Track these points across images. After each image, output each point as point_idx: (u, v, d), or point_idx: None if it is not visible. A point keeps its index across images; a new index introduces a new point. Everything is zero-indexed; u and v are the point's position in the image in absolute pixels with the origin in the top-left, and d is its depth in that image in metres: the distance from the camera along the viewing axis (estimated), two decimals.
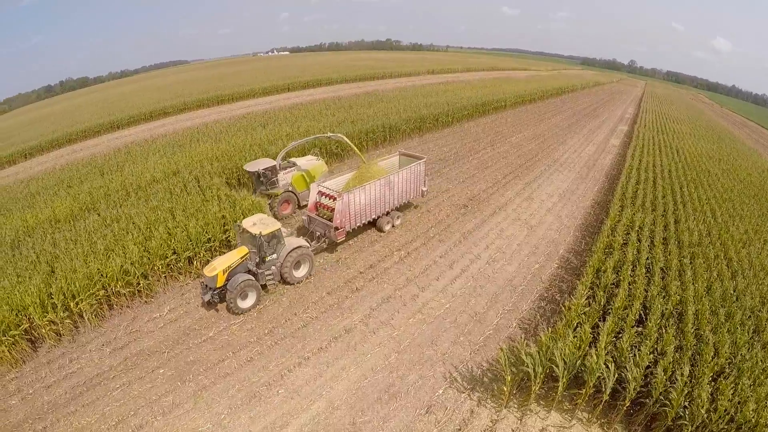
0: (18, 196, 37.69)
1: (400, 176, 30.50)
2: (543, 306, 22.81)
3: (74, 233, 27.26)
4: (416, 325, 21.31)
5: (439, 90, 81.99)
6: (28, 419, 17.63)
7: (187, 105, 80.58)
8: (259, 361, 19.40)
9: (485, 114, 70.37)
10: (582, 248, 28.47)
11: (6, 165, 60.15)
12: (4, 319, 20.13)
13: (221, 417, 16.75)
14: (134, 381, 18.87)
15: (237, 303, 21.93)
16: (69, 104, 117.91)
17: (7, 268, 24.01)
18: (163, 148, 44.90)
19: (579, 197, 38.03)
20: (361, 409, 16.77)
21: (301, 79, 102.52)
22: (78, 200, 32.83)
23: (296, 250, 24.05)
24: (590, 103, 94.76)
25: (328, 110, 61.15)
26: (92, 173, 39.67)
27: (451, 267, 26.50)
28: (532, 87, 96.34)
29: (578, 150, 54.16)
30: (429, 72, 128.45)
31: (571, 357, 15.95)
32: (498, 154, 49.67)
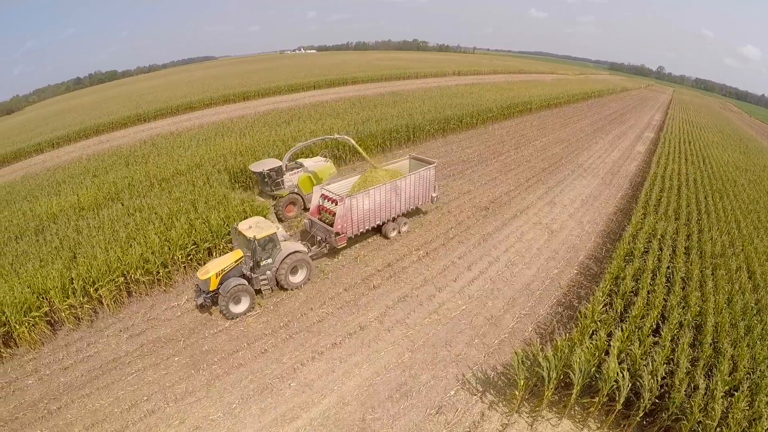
0: (44, 184, 38.49)
1: (408, 181, 29.52)
2: (560, 312, 22.49)
3: (98, 221, 27.88)
4: (431, 325, 21.23)
5: (464, 91, 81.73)
6: (43, 399, 18.06)
7: (214, 100, 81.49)
8: (273, 354, 19.56)
9: (510, 117, 69.85)
10: (603, 255, 28.05)
11: (34, 154, 61.50)
12: (25, 301, 20.66)
13: (232, 407, 16.96)
14: (149, 367, 19.22)
15: (229, 308, 21.47)
16: (97, 97, 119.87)
17: (30, 253, 24.70)
18: (188, 142, 45.72)
19: (602, 203, 37.51)
20: (371, 406, 16.77)
21: (327, 77, 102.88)
22: (102, 189, 33.50)
23: (292, 255, 23.42)
24: (617, 108, 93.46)
25: (352, 108, 61.49)
26: (118, 164, 40.43)
27: (469, 269, 26.33)
28: (559, 91, 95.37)
29: (603, 156, 53.45)
30: (455, 73, 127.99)
31: (587, 364, 15.70)
32: (522, 158, 49.28)
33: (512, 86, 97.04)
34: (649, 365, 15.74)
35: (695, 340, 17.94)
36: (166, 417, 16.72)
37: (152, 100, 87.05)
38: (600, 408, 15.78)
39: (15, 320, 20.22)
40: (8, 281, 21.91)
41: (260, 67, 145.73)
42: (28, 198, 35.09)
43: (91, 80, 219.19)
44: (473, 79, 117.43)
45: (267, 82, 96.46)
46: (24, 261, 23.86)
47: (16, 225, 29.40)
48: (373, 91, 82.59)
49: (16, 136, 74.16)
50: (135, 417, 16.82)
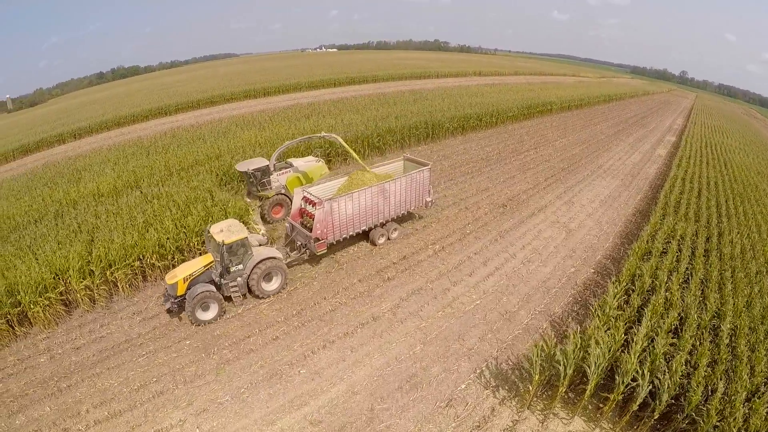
0: (64, 172, 39.12)
1: (398, 184, 27.69)
2: (576, 310, 22.16)
3: (116, 207, 28.31)
4: (445, 319, 21.05)
5: (485, 91, 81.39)
6: (54, 377, 18.35)
7: (235, 95, 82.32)
8: (284, 341, 19.60)
9: (531, 117, 69.38)
10: (620, 255, 27.57)
11: (56, 144, 62.66)
12: (42, 281, 20.99)
13: (241, 391, 17.03)
14: (160, 350, 19.41)
15: (195, 314, 20.42)
16: (119, 90, 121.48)
17: (49, 235, 25.07)
18: (207, 134, 46.24)
19: (621, 204, 36.99)
20: (380, 396, 16.66)
21: (347, 75, 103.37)
22: (122, 177, 34.03)
23: (265, 262, 22.05)
24: (638, 111, 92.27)
25: (372, 105, 61.66)
26: (138, 153, 40.96)
27: (485, 264, 26.11)
28: (580, 93, 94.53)
29: (623, 158, 52.76)
30: (476, 73, 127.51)
31: (603, 359, 15.37)
32: (541, 157, 48.87)
33: (533, 88, 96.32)
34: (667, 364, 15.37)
35: (712, 342, 17.49)
36: (175, 398, 16.87)
37: (174, 94, 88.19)
38: (614, 407, 15.40)
39: (30, 300, 20.53)
40: (25, 262, 22.30)
41: (281, 65, 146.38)
42: (49, 185, 35.64)
43: (113, 75, 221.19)
44: (494, 79, 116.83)
45: (288, 78, 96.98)
46: (42, 243, 24.24)
47: (36, 210, 29.95)
48: (393, 90, 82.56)
49: (38, 127, 75.34)
50: (143, 397, 16.99)
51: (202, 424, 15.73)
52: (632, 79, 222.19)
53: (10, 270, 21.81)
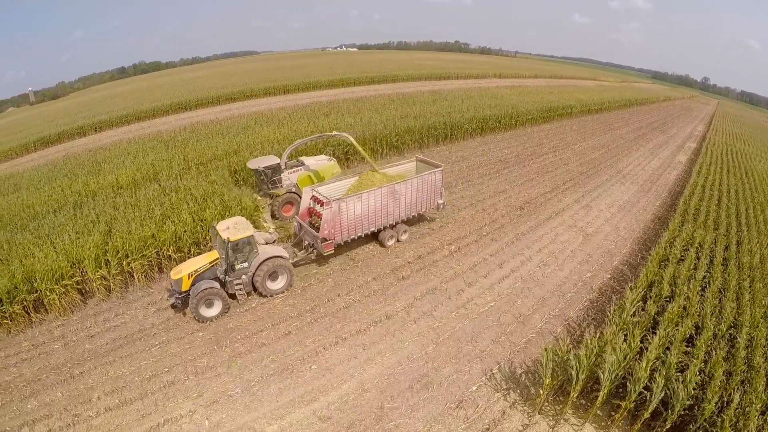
0: (84, 163, 39.64)
1: (409, 186, 27.24)
2: (591, 315, 21.86)
3: (134, 199, 28.56)
4: (458, 320, 20.92)
5: (504, 93, 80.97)
6: (67, 363, 18.66)
7: (254, 92, 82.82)
8: (297, 336, 19.66)
9: (550, 120, 68.81)
10: (638, 262, 27.18)
11: (76, 136, 63.67)
12: (59, 269, 21.31)
13: (251, 384, 17.11)
14: (173, 340, 19.60)
15: (199, 310, 20.39)
16: (141, 85, 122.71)
17: (67, 225, 25.36)
18: (227, 129, 46.65)
19: (639, 210, 36.53)
20: (391, 394, 16.60)
21: (367, 74, 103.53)
22: (141, 170, 34.37)
23: (270, 261, 21.94)
24: (659, 117, 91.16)
25: (391, 104, 61.60)
26: (157, 147, 41.35)
27: (500, 266, 25.92)
28: (600, 97, 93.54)
29: (643, 163, 52.12)
30: (496, 75, 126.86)
31: (617, 366, 15.12)
32: (560, 161, 48.46)
33: (553, 91, 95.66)
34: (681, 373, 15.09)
35: (728, 352, 17.14)
36: (185, 389, 17.02)
37: (194, 89, 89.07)
38: (625, 415, 15.13)
39: (46, 287, 20.85)
40: (43, 250, 22.60)
41: (302, 63, 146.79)
42: (69, 176, 36.10)
43: (135, 70, 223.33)
44: (514, 82, 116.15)
45: (308, 77, 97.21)
46: (61, 232, 24.53)
47: (56, 200, 30.36)
48: (413, 90, 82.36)
49: (59, 119, 76.50)
50: (154, 387, 17.16)
51: (211, 415, 15.83)
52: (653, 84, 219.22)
53: (28, 258, 22.14)
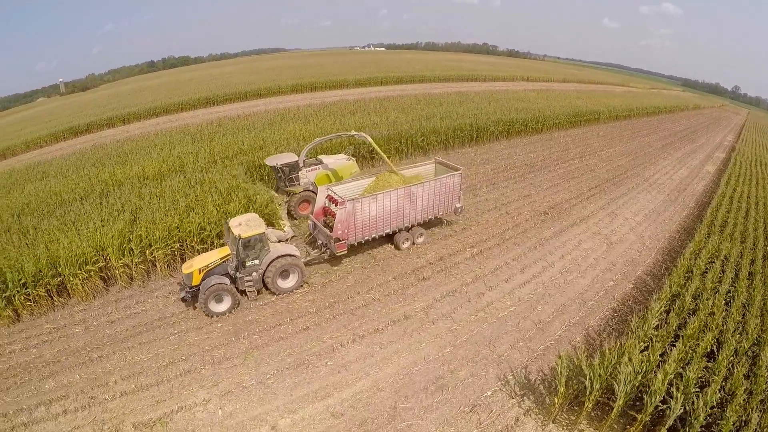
0: (112, 154, 40.44)
1: (426, 188, 26.78)
2: (611, 325, 21.44)
3: (160, 190, 28.94)
4: (477, 323, 20.76)
5: (531, 97, 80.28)
6: (86, 347, 19.13)
7: (282, 89, 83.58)
8: (314, 332, 19.76)
9: (577, 125, 68.02)
10: (662, 272, 26.64)
11: (105, 127, 65.06)
12: (83, 255, 21.82)
13: (267, 377, 17.28)
14: (191, 330, 19.90)
15: (208, 305, 20.47)
16: (170, 79, 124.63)
17: (93, 213, 25.97)
18: (253, 124, 47.18)
19: (665, 220, 35.85)
20: (405, 395, 16.54)
21: (395, 74, 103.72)
22: (167, 162, 34.85)
23: (282, 259, 21.83)
24: (688, 126, 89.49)
25: (418, 105, 61.57)
26: (184, 140, 41.98)
27: (522, 271, 25.66)
28: (628, 103, 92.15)
29: (670, 172, 51.16)
30: (524, 78, 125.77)
31: (633, 377, 14.76)
32: (586, 166, 47.84)
33: (581, 95, 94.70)
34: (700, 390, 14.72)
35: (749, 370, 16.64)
36: (201, 378, 17.27)
37: (222, 84, 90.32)
38: (641, 429, 14.72)
39: (69, 272, 21.37)
40: (68, 236, 23.08)
41: (330, 61, 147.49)
42: (96, 165, 36.84)
43: (164, 64, 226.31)
44: (542, 85, 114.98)
45: (335, 75, 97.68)
46: (86, 220, 25.06)
47: (82, 188, 31.03)
48: (440, 90, 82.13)
49: (89, 110, 78.06)
50: (171, 374, 17.45)
51: (225, 405, 16.06)
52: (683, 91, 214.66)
53: (54, 243, 22.67)
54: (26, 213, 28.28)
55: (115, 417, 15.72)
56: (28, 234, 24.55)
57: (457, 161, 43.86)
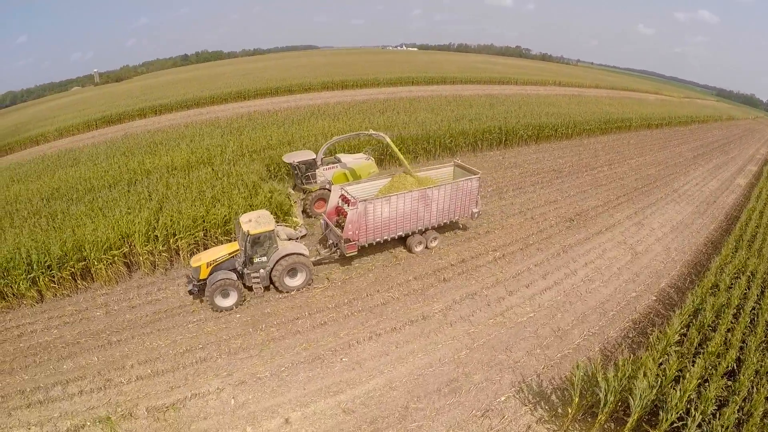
0: (142, 143, 41.23)
1: (442, 191, 26.16)
2: (631, 337, 21.00)
3: (187, 180, 29.45)
4: (495, 327, 20.61)
5: (563, 102, 79.61)
6: (106, 330, 19.68)
7: (312, 86, 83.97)
8: (331, 327, 19.91)
9: (608, 132, 67.02)
10: (686, 285, 26.01)
11: (136, 117, 66.46)
12: (108, 240, 22.40)
13: (281, 369, 17.47)
14: (210, 319, 20.25)
15: (214, 299, 20.54)
16: (202, 73, 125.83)
17: (120, 200, 26.64)
18: (282, 120, 47.74)
19: (693, 233, 35.08)
20: (417, 395, 16.49)
21: (426, 74, 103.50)
22: (196, 153, 35.43)
23: (289, 257, 21.66)
24: (721, 137, 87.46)
25: (447, 106, 61.53)
26: (213, 133, 42.72)
27: (544, 277, 25.39)
28: (661, 111, 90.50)
29: (700, 183, 50.07)
30: (555, 83, 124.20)
31: (649, 391, 14.40)
32: (614, 174, 47.14)
33: (613, 102, 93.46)
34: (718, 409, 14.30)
35: None
36: (216, 367, 17.56)
37: (254, 80, 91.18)
38: None
39: (94, 257, 21.95)
40: (94, 221, 23.74)
41: (361, 60, 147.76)
42: (126, 154, 37.68)
43: (197, 58, 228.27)
44: (574, 90, 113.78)
45: (366, 74, 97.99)
46: (113, 206, 25.68)
47: (111, 176, 31.79)
48: (470, 92, 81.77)
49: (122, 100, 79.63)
50: (187, 361, 17.81)
51: (238, 395, 16.29)
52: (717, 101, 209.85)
53: (80, 228, 23.28)
54: (55, 198, 29.07)
55: (130, 400, 16.09)
56: (57, 218, 25.20)
57: (484, 164, 43.92)
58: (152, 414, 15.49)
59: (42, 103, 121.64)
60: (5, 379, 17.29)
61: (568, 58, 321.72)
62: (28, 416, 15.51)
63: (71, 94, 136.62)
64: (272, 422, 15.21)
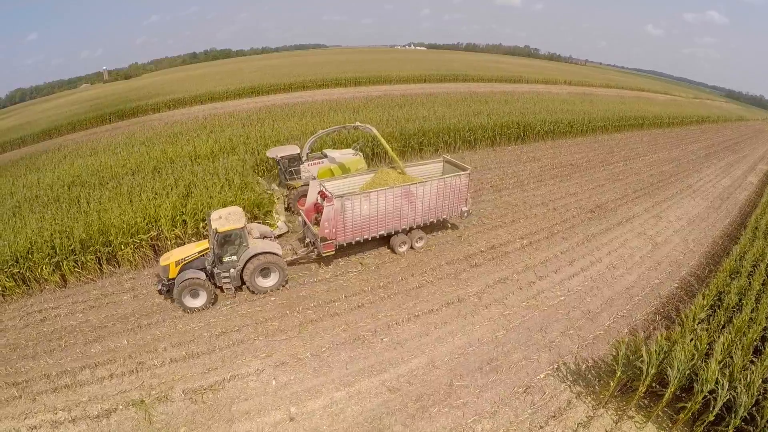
0: (161, 134, 41.40)
1: (427, 188, 24.54)
2: (657, 320, 21.29)
3: (213, 168, 29.58)
4: (528, 310, 20.86)
5: (575, 100, 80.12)
6: (135, 314, 19.73)
7: (326, 82, 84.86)
8: (369, 309, 20.05)
9: (621, 130, 67.42)
10: (705, 275, 26.16)
11: (150, 112, 66.69)
12: (136, 224, 22.53)
13: (322, 350, 17.52)
14: (243, 302, 20.41)
15: (182, 299, 19.53)
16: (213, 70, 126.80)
17: (146, 186, 26.75)
18: (302, 113, 48.24)
19: (708, 225, 35.29)
20: (460, 373, 16.67)
21: (438, 72, 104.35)
22: (219, 143, 35.62)
23: (260, 257, 20.44)
24: (731, 137, 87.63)
25: (464, 102, 62.04)
26: (233, 124, 43.22)
27: (570, 264, 25.65)
28: (672, 111, 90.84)
29: (713, 180, 50.27)
30: (566, 82, 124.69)
31: (685, 363, 14.72)
32: (630, 170, 47.45)
33: (625, 101, 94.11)
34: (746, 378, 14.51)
35: None
36: (254, 349, 17.55)
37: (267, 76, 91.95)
38: (688, 417, 14.64)
39: (120, 241, 22.08)
40: (120, 206, 23.85)
41: (371, 58, 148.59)
42: (146, 144, 37.86)
43: (206, 56, 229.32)
44: (585, 89, 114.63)
45: (378, 71, 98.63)
46: (139, 192, 25.86)
47: (133, 163, 31.95)
48: (484, 90, 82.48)
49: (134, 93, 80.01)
50: (223, 343, 17.81)
51: (279, 375, 16.32)
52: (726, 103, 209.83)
53: (107, 212, 23.34)
54: (76, 185, 29.12)
55: (164, 383, 15.96)
56: (80, 203, 25.33)
57: (504, 158, 44.48)
58: (189, 396, 15.43)
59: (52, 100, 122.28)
60: (28, 364, 17.15)
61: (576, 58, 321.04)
62: (54, 401, 15.33)
63: (80, 91, 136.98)
64: (317, 402, 15.27)
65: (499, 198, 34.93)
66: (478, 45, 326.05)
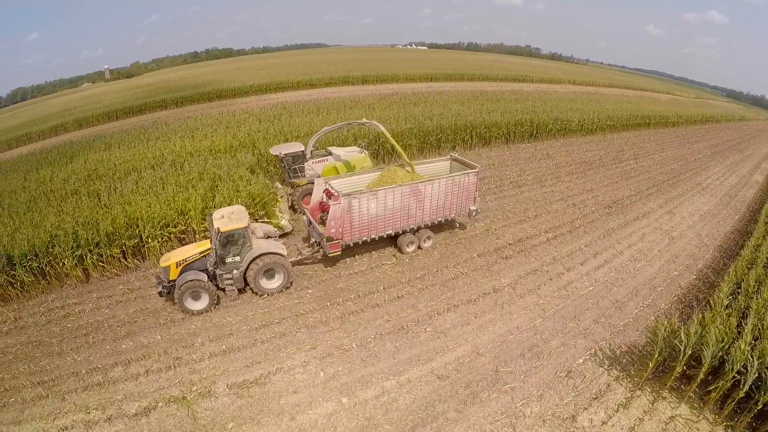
0: (176, 129, 41.33)
1: (436, 186, 23.95)
2: (680, 309, 21.94)
3: (235, 161, 29.76)
4: (560, 299, 21.35)
5: (582, 99, 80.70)
6: (166, 308, 19.72)
7: (333, 80, 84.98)
8: (408, 300, 20.38)
9: (628, 129, 68.20)
10: (721, 267, 26.80)
11: (158, 109, 66.68)
12: (164, 217, 22.39)
13: (367, 341, 17.74)
14: (281, 295, 20.58)
15: (184, 302, 18.93)
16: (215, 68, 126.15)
17: (168, 179, 26.62)
18: (317, 108, 48.47)
19: (720, 221, 35.91)
20: (504, 360, 17.10)
21: (444, 71, 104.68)
22: (237, 137, 35.61)
23: (264, 258, 19.78)
24: (734, 136, 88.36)
25: (476, 100, 62.33)
26: (249, 120, 43.20)
27: (595, 256, 26.20)
28: (675, 110, 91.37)
29: (720, 178, 50.92)
30: (570, 81, 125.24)
31: (717, 347, 15.33)
32: (641, 168, 48.12)
33: (630, 100, 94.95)
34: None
35: None
36: (297, 341, 17.60)
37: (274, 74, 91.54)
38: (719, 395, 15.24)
39: (147, 234, 21.96)
40: (146, 199, 23.67)
41: (374, 57, 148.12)
42: (162, 138, 37.66)
43: (207, 55, 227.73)
44: (590, 89, 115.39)
45: (385, 69, 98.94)
46: (161, 185, 25.78)
47: (151, 157, 31.76)
48: (492, 89, 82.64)
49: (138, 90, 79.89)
50: (264, 336, 17.81)
51: (326, 367, 16.36)
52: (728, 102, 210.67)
53: (130, 205, 23.10)
54: (94, 178, 28.77)
55: (205, 378, 15.68)
56: (100, 196, 25.04)
57: (518, 155, 45.09)
58: (234, 391, 15.20)
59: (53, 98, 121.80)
60: (54, 361, 16.61)
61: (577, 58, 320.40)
62: (86, 399, 14.85)
63: (82, 90, 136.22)
64: (368, 392, 15.41)
65: (520, 194, 35.48)
66: (480, 44, 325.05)
